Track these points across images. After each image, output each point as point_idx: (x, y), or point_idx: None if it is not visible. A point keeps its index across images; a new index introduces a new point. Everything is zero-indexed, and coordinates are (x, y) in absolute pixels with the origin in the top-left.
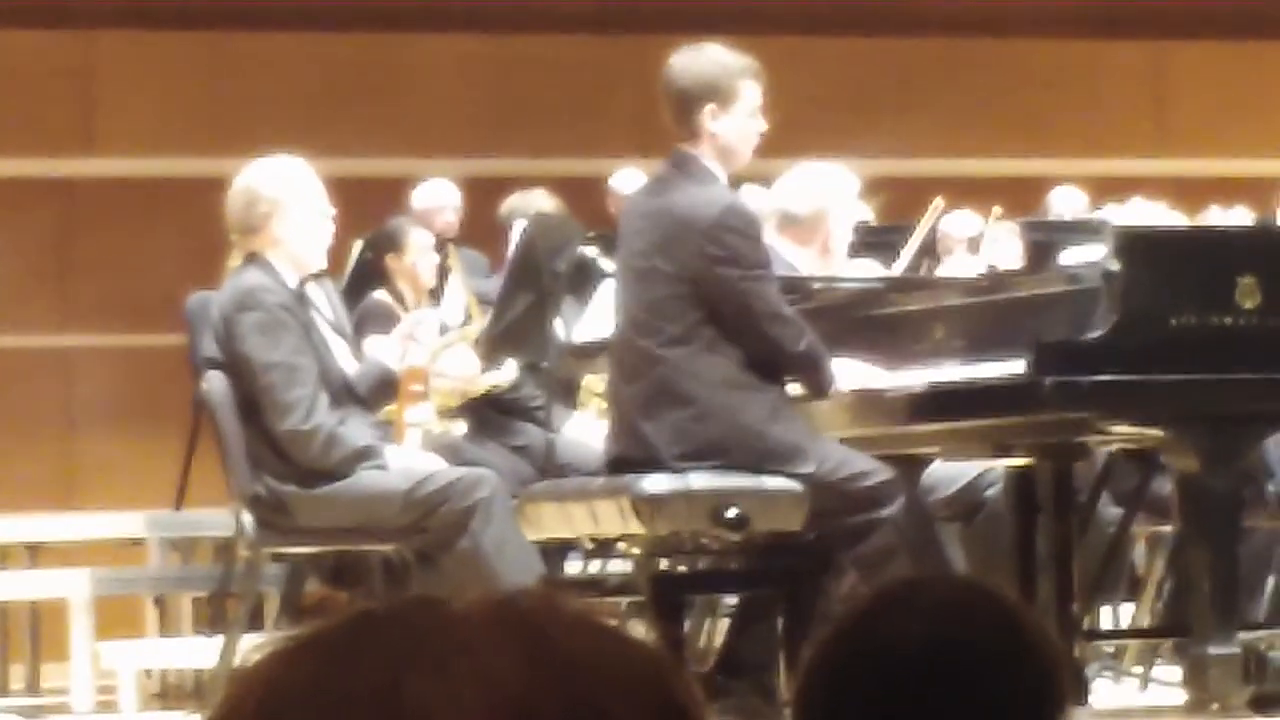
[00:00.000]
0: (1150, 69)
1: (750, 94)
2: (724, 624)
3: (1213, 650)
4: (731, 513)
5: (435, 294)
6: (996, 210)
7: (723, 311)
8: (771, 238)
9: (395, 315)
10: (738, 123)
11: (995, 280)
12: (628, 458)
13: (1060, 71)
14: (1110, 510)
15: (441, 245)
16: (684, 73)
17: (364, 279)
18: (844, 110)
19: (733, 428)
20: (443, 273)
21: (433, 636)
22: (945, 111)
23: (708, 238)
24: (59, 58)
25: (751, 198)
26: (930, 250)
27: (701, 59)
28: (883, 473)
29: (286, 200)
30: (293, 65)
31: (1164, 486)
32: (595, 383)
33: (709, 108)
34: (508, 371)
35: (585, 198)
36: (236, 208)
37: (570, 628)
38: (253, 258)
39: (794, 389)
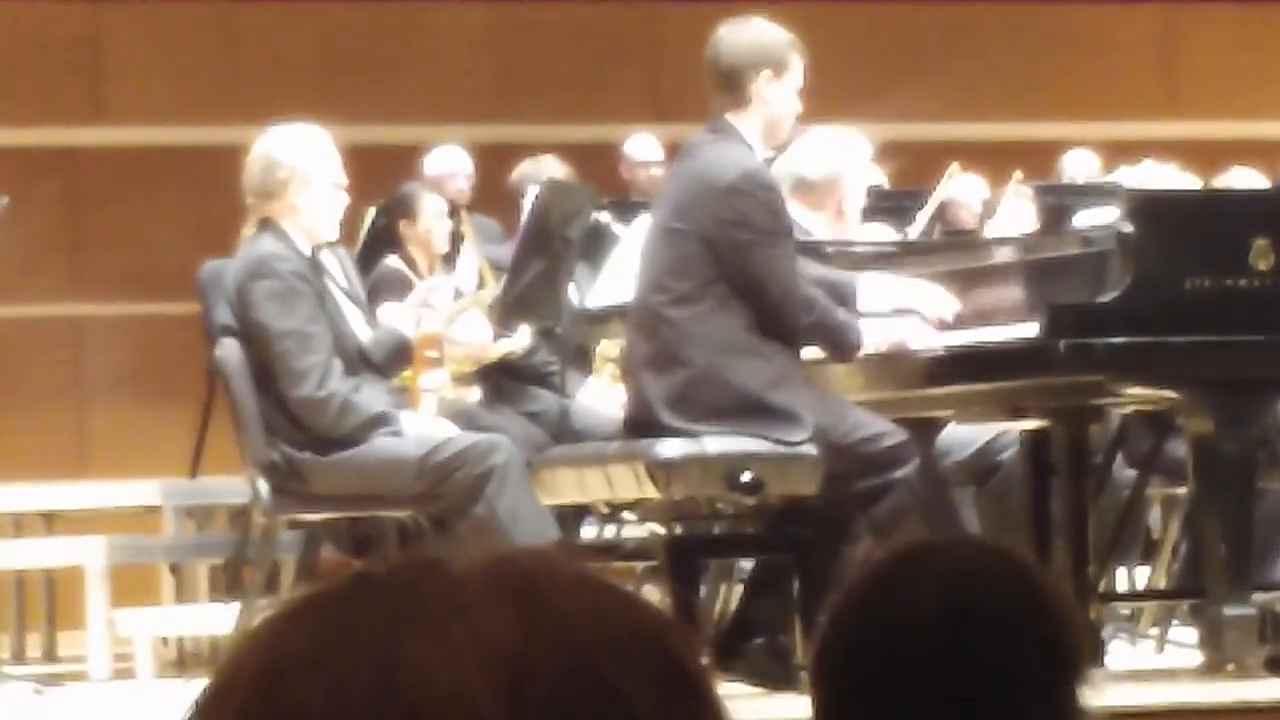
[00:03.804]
0: (1161, 32)
1: (798, 67)
2: (740, 588)
3: (1228, 612)
4: (746, 477)
5: (448, 260)
6: (1018, 175)
7: (733, 274)
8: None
9: (409, 282)
10: (786, 94)
11: (1009, 243)
12: (635, 419)
13: (1071, 35)
14: (1125, 473)
15: (454, 211)
16: (736, 41)
17: (377, 246)
18: (856, 75)
19: (728, 393)
20: (455, 239)
21: (430, 598)
22: (957, 76)
23: (721, 200)
24: (67, 27)
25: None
26: (940, 216)
27: (753, 29)
28: (897, 435)
29: (304, 168)
30: (302, 33)
31: (1178, 449)
32: (609, 348)
33: (764, 74)
34: (521, 337)
35: (596, 164)
36: (254, 172)
37: (569, 588)
38: (266, 225)
39: (812, 352)
